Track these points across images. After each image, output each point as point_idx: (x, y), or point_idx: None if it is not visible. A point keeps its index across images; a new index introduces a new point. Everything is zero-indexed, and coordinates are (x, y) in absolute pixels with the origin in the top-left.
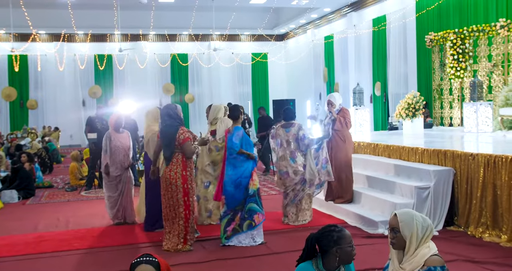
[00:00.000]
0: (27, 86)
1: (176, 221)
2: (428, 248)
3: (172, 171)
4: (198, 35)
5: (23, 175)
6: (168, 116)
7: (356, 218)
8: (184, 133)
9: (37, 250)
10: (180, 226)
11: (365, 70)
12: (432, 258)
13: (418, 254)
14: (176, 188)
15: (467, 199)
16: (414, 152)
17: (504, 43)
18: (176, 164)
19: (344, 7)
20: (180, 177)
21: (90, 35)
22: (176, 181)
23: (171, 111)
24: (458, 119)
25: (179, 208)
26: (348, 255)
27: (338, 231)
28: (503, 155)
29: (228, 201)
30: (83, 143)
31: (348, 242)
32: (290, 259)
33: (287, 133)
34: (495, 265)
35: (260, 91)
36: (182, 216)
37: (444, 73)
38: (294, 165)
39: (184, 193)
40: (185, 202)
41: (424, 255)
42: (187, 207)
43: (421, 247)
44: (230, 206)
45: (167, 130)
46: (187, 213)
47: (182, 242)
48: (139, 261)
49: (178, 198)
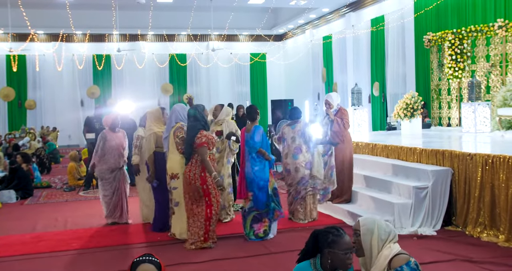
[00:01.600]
0: (25, 86)
1: (198, 219)
2: (389, 248)
3: (191, 172)
4: (196, 35)
5: (21, 175)
6: (194, 117)
7: (354, 218)
8: (201, 138)
9: (35, 250)
10: (201, 224)
11: (363, 70)
12: (396, 258)
13: (381, 257)
14: (196, 188)
15: (465, 199)
16: (412, 152)
17: (502, 43)
18: (195, 165)
19: (342, 7)
20: (199, 178)
21: (89, 35)
22: (195, 182)
23: (197, 112)
24: (456, 119)
25: (202, 207)
26: (341, 262)
27: (335, 235)
28: (501, 155)
29: (254, 199)
30: (81, 143)
31: (342, 248)
32: (288, 259)
33: (292, 129)
34: (493, 264)
35: (258, 92)
36: (203, 214)
37: (442, 73)
38: (296, 161)
39: (204, 193)
40: (207, 202)
41: (387, 257)
42: (208, 206)
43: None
44: (256, 205)
45: (190, 131)
46: (209, 212)
47: (202, 239)
48: (142, 260)
49: (200, 197)
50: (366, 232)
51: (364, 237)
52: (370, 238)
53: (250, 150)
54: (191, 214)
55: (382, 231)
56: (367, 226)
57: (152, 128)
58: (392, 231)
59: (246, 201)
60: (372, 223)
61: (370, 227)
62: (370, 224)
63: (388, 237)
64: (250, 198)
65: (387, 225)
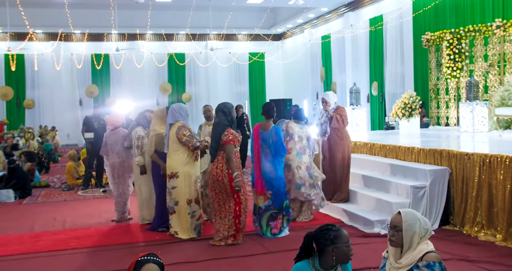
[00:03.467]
0: (24, 86)
1: (226, 216)
2: (426, 244)
3: (218, 169)
4: (195, 34)
5: (20, 174)
6: (223, 113)
7: (352, 217)
8: (228, 135)
9: (34, 249)
10: (230, 221)
11: (362, 70)
12: (430, 254)
13: (416, 249)
14: (224, 185)
15: (463, 198)
16: (410, 151)
17: (500, 43)
18: (222, 161)
19: (341, 7)
20: (227, 175)
21: (87, 34)
22: (223, 178)
23: (226, 110)
24: (454, 119)
25: (230, 204)
26: (345, 255)
27: (335, 230)
28: (498, 154)
29: (273, 198)
30: (80, 142)
31: (345, 241)
32: (287, 259)
33: (301, 129)
34: (490, 264)
35: (257, 91)
36: (231, 211)
37: (440, 73)
38: (300, 160)
39: (232, 191)
40: (235, 199)
41: (422, 250)
42: (237, 203)
43: (419, 244)
44: (274, 204)
45: (216, 127)
46: (238, 209)
47: (232, 237)
48: (147, 259)
49: (228, 194)
50: (408, 228)
51: (406, 233)
52: (412, 234)
53: (272, 150)
54: (218, 211)
55: (422, 228)
56: (409, 222)
57: (155, 129)
58: (429, 227)
59: (262, 199)
60: (414, 219)
61: (413, 224)
62: (412, 220)
63: (426, 233)
64: (269, 197)
65: (425, 222)
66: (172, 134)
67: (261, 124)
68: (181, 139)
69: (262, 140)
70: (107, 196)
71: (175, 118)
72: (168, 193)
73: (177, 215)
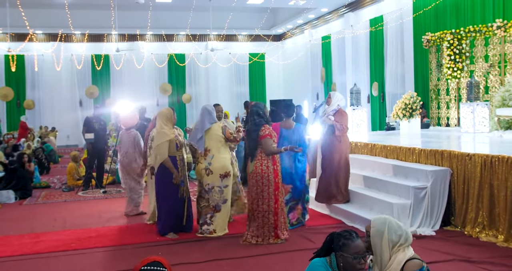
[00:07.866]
0: (24, 86)
1: (266, 215)
2: (403, 253)
3: (263, 165)
4: (195, 35)
5: (20, 175)
6: (257, 115)
7: (353, 218)
8: (265, 130)
9: (34, 250)
10: (270, 220)
11: (362, 71)
12: (409, 263)
13: (394, 261)
14: (268, 182)
15: (464, 199)
16: (411, 152)
17: (501, 43)
18: (265, 158)
19: (341, 7)
20: (272, 172)
21: (87, 35)
22: (268, 175)
23: (260, 110)
24: (455, 119)
25: (269, 202)
26: (350, 266)
27: (346, 238)
28: (499, 155)
29: (293, 191)
30: (80, 143)
31: (351, 252)
32: (287, 259)
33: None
34: (492, 265)
35: (257, 92)
36: (272, 209)
37: (441, 73)
38: None
39: (275, 187)
40: (275, 196)
41: (400, 261)
42: (276, 200)
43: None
44: (294, 196)
45: (254, 127)
46: (277, 207)
47: (273, 235)
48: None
49: (269, 192)
50: (376, 234)
51: (374, 239)
52: (380, 240)
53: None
54: (256, 210)
55: (393, 233)
56: (377, 227)
57: (165, 133)
58: (404, 233)
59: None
60: (383, 224)
61: (380, 229)
62: (380, 225)
63: (399, 240)
64: (289, 190)
65: (399, 227)
66: (216, 134)
67: (281, 123)
68: (229, 137)
69: (283, 138)
70: (107, 197)
71: (212, 120)
72: (219, 192)
73: (222, 213)
